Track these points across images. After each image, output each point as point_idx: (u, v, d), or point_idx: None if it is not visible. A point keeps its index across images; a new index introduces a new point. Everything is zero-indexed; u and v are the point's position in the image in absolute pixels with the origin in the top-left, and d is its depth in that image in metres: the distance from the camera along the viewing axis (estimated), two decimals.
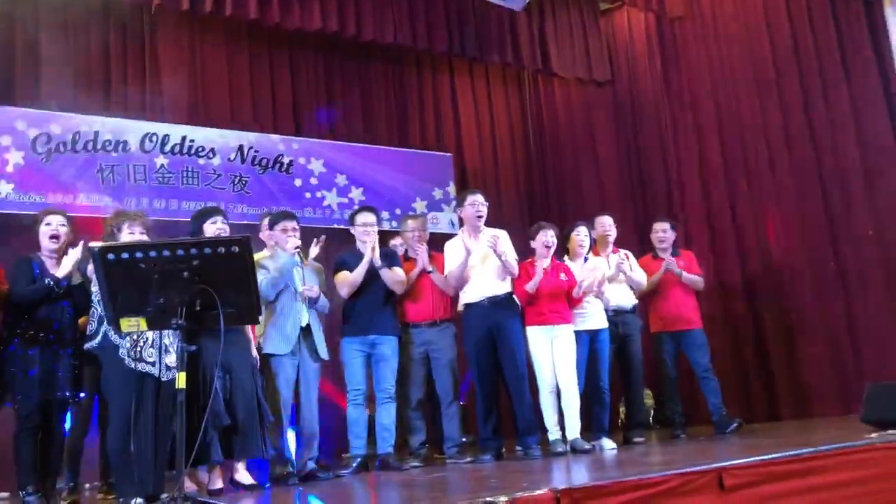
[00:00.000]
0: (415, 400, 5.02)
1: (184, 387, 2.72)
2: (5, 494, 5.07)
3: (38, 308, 3.79)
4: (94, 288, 3.80)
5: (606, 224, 5.62)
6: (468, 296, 4.94)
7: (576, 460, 4.33)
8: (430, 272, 5.03)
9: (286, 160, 7.32)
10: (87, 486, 5.08)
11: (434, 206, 7.96)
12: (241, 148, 7.10)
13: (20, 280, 3.82)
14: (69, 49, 6.63)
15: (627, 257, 5.55)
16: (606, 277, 5.30)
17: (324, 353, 4.66)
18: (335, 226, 7.20)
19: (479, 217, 4.96)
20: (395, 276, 4.88)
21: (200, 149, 6.92)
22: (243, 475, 4.19)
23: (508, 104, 8.84)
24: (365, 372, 4.84)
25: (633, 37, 8.04)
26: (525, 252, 5.16)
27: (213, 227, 4.17)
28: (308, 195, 7.39)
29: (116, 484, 3.81)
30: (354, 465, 4.72)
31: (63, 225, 4.21)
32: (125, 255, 2.70)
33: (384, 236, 5.83)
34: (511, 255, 4.93)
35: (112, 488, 4.63)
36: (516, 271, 4.91)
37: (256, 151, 7.18)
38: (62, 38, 6.60)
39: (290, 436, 4.69)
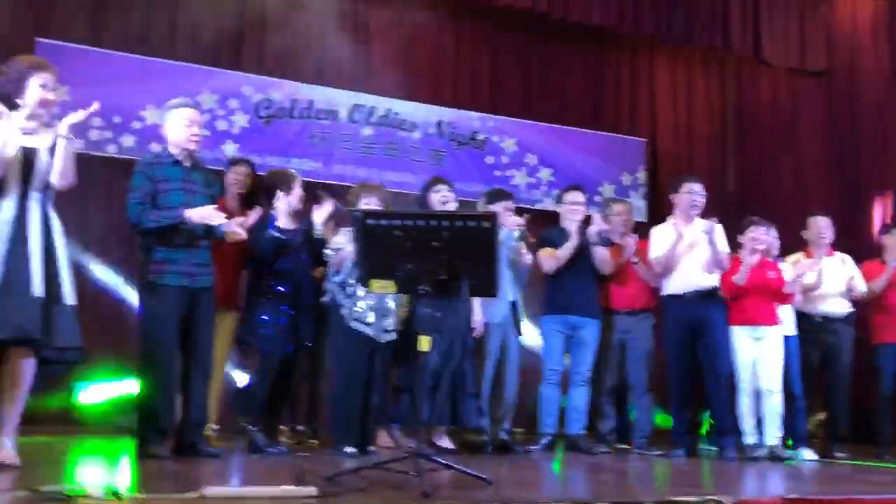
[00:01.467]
0: (608, 386, 5.01)
1: (426, 349, 2.85)
2: (216, 427, 5.55)
3: (279, 260, 4.08)
4: (330, 248, 4.06)
5: (822, 225, 5.31)
6: (672, 286, 4.84)
7: (777, 468, 4.18)
8: (635, 262, 4.97)
9: (481, 137, 7.44)
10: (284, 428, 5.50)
11: (622, 192, 7.82)
12: (440, 123, 7.29)
13: (259, 233, 4.13)
14: (291, 17, 7.02)
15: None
16: (815, 282, 5.09)
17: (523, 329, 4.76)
18: (521, 205, 7.25)
19: (695, 206, 4.85)
20: (606, 256, 4.87)
21: (403, 122, 7.18)
22: (443, 439, 4.36)
23: (709, 91, 8.50)
24: (563, 352, 4.88)
25: (857, 25, 7.48)
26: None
27: (437, 196, 4.35)
28: (498, 173, 7.48)
29: (333, 432, 4.07)
30: (544, 441, 4.80)
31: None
32: (384, 222, 2.86)
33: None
34: (724, 249, 4.79)
35: (316, 434, 4.98)
36: (727, 265, 4.76)
37: (454, 128, 7.34)
38: (285, 9, 7.01)
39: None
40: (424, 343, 2.85)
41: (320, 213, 4.24)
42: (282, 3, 6.94)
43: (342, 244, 4.03)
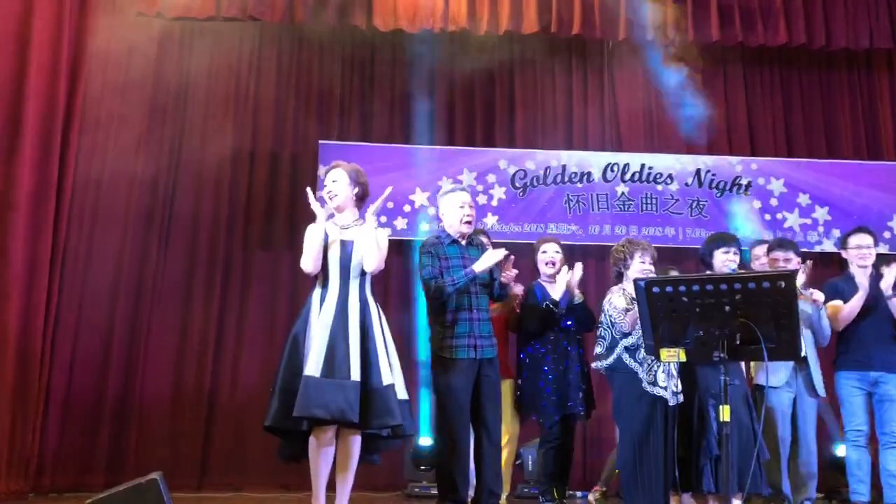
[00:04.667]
0: None
1: (728, 419, 2.74)
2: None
3: (546, 328, 4.17)
4: (605, 312, 4.06)
5: None
6: None
7: None
8: None
9: (744, 181, 7.10)
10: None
11: None
12: (697, 172, 7.08)
13: (528, 304, 4.26)
14: (538, 90, 7.29)
15: None
16: None
17: (821, 389, 4.39)
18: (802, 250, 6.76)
19: None
20: None
21: (658, 175, 7.07)
22: None
23: None
24: (867, 411, 4.42)
25: None
26: None
27: (724, 257, 4.17)
28: (767, 217, 7.07)
29: (626, 500, 3.99)
30: None
31: (557, 252, 4.64)
32: (669, 289, 2.83)
33: None
34: None
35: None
36: None
37: (713, 175, 7.09)
38: (532, 81, 7.29)
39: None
40: (726, 413, 2.73)
41: (568, 278, 4.25)
42: (528, 80, 7.25)
43: (627, 305, 3.96)
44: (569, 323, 4.30)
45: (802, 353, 4.31)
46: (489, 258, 3.87)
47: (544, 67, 7.32)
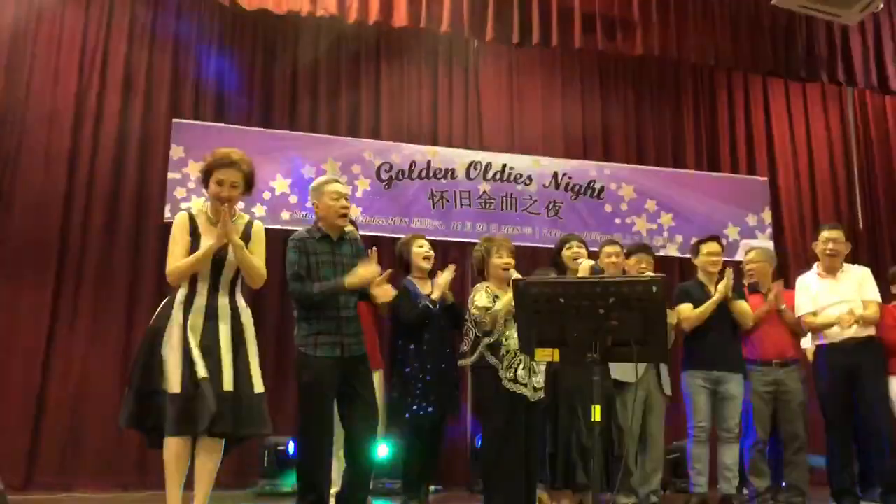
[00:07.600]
0: (760, 442, 4.80)
1: (598, 419, 2.80)
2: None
3: (423, 326, 4.14)
4: (469, 311, 4.06)
5: None
6: (826, 335, 4.62)
7: None
8: (781, 310, 4.79)
9: (597, 186, 7.39)
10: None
11: (747, 233, 7.59)
12: (555, 174, 7.29)
13: (404, 303, 4.21)
14: (404, 84, 7.23)
15: None
16: None
17: (667, 387, 4.62)
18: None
19: (832, 255, 4.65)
20: (746, 310, 4.70)
21: (518, 176, 7.21)
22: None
23: (828, 124, 8.22)
24: (709, 408, 4.71)
25: None
26: None
27: (569, 253, 4.31)
28: (618, 221, 7.40)
29: (486, 496, 4.01)
30: (695, 502, 4.61)
31: (430, 248, 4.62)
32: (546, 290, 2.85)
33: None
34: (873, 295, 4.56)
35: None
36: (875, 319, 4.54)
37: (570, 178, 7.32)
38: (399, 75, 7.23)
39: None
40: (598, 413, 2.79)
41: (444, 280, 4.27)
42: (394, 69, 7.18)
43: (488, 304, 3.96)
44: (442, 322, 4.30)
45: None
46: (364, 275, 3.70)
47: (412, 61, 7.28)
